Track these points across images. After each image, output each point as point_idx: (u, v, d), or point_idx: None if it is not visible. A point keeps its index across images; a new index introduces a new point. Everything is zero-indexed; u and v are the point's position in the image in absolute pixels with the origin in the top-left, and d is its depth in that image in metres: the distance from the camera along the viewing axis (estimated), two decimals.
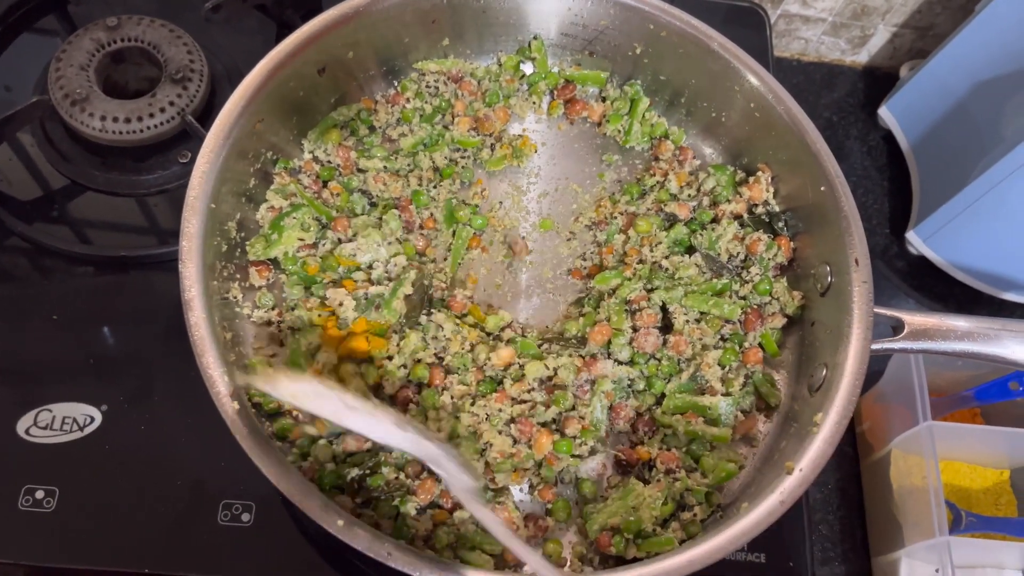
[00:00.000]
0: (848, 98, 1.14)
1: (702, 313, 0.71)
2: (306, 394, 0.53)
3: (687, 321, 0.70)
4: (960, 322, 0.65)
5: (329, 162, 0.75)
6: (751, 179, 0.75)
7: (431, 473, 0.62)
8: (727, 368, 0.69)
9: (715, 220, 0.75)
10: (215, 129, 0.64)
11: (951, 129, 0.97)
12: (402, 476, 0.62)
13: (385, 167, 0.75)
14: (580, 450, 0.66)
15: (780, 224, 0.74)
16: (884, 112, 1.07)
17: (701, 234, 0.74)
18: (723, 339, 0.71)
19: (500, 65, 0.81)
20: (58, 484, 0.66)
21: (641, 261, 0.74)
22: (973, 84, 0.93)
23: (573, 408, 0.67)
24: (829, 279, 0.68)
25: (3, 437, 0.67)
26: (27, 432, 0.68)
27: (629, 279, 0.72)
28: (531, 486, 0.67)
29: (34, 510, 0.65)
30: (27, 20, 0.88)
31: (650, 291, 0.71)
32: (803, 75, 1.15)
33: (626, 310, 0.70)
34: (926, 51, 1.11)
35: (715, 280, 0.72)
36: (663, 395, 0.69)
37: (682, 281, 0.72)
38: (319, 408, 0.53)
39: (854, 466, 0.93)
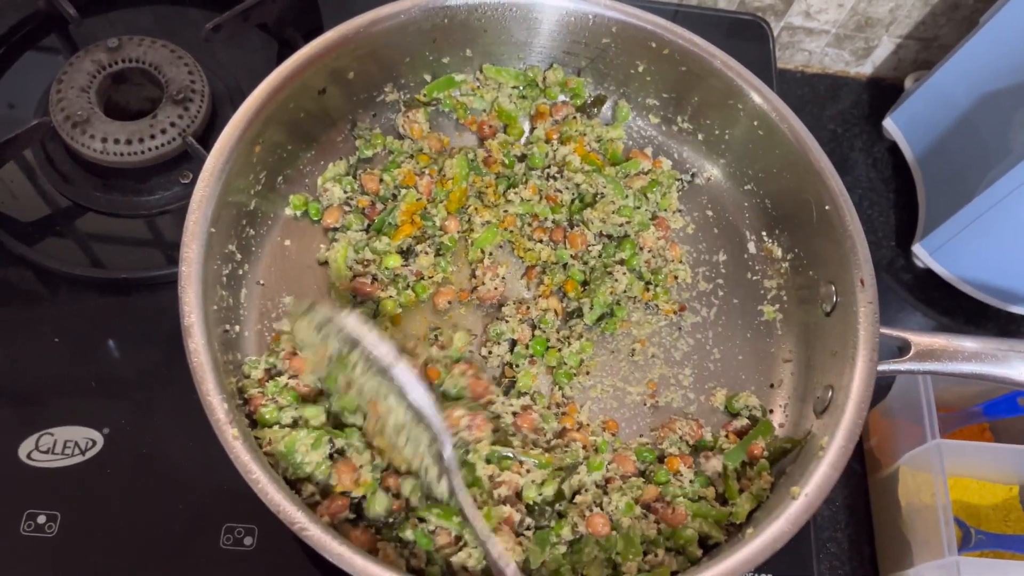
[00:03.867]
0: (852, 110, 1.13)
1: None
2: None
3: None
4: (967, 342, 0.64)
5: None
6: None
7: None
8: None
9: None
10: (215, 153, 0.64)
11: (957, 141, 0.96)
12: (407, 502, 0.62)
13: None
14: None
15: None
16: (889, 124, 1.06)
17: None
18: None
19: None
20: (60, 509, 0.66)
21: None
22: (978, 96, 0.92)
23: None
24: (834, 299, 0.68)
25: (5, 461, 0.67)
26: (29, 456, 0.67)
27: None
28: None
29: (36, 535, 0.65)
30: (30, 39, 0.88)
31: None
32: (807, 87, 1.14)
33: None
34: (931, 62, 1.10)
35: None
36: None
37: None
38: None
39: (862, 482, 0.92)
